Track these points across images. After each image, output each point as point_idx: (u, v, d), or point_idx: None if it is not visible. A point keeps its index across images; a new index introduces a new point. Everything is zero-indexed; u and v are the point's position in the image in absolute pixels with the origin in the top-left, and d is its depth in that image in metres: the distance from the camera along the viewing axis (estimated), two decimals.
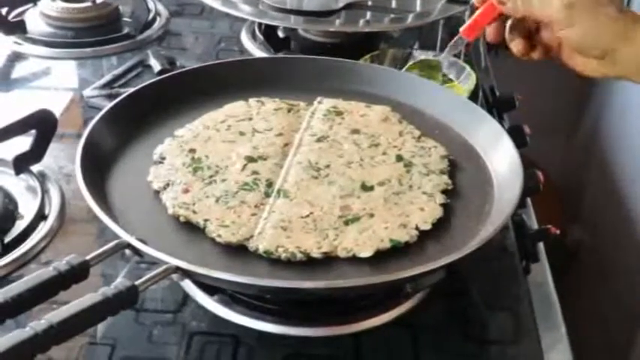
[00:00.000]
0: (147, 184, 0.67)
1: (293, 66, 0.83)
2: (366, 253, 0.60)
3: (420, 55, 0.87)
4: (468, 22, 0.69)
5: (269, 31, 1.03)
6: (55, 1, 1.06)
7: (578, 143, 1.46)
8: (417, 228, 0.63)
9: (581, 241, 1.30)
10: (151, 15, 1.10)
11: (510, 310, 0.66)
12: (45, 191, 0.75)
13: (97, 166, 0.67)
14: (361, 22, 0.98)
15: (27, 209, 0.72)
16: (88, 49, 1.02)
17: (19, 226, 0.70)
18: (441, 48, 1.02)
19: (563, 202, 1.37)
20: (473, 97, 0.88)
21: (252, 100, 0.79)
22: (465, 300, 0.67)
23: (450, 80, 0.91)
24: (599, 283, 1.20)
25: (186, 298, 0.65)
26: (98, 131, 0.70)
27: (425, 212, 0.64)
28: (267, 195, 0.66)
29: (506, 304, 0.66)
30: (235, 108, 0.78)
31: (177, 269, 0.55)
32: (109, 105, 0.73)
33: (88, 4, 1.06)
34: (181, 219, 0.63)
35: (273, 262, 0.60)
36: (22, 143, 0.75)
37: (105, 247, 0.57)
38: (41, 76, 0.98)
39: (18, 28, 1.03)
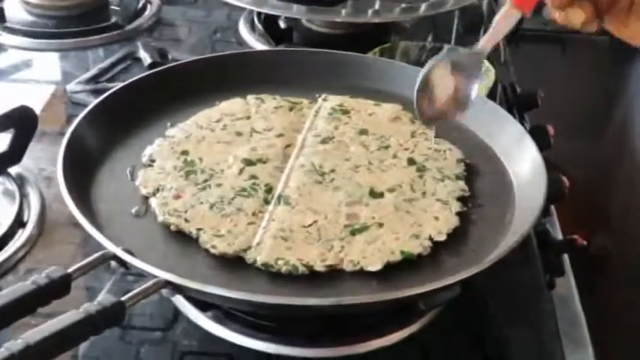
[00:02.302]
0: (135, 188, 0.67)
1: (295, 60, 0.83)
2: (374, 266, 0.59)
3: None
4: None
5: (269, 22, 1.03)
6: None
7: (606, 144, 1.45)
8: (430, 239, 0.62)
9: (608, 251, 1.29)
10: (141, 3, 1.10)
11: (533, 328, 0.65)
12: (24, 196, 0.74)
13: (81, 169, 0.67)
14: (370, 12, 0.97)
15: (4, 215, 0.71)
16: (72, 40, 1.01)
17: None
18: (457, 41, 1.01)
19: (589, 209, 1.36)
20: (491, 94, 0.87)
21: (250, 97, 0.79)
22: (483, 317, 0.66)
23: None
24: (628, 298, 1.19)
25: (177, 314, 0.64)
26: (82, 130, 0.69)
27: (439, 221, 0.64)
28: (267, 202, 0.65)
29: (529, 322, 0.65)
30: (232, 106, 0.77)
31: (168, 283, 0.54)
32: (94, 101, 0.73)
33: None
34: (172, 228, 0.63)
35: (273, 275, 0.59)
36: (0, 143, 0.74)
37: (89, 259, 0.56)
38: (21, 69, 0.98)
39: None
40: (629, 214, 1.29)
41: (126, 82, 0.77)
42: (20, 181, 0.75)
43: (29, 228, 0.71)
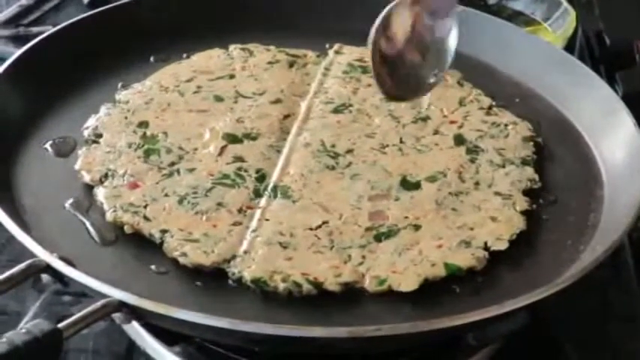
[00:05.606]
0: (74, 174, 0.67)
1: None
2: (407, 285, 0.60)
3: None
4: None
5: None
6: None
7: None
8: (486, 247, 0.63)
9: None
10: None
11: None
12: None
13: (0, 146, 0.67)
14: None
15: None
16: None
17: None
18: None
19: None
20: (570, 46, 0.88)
21: (233, 48, 0.79)
22: (557, 355, 0.67)
23: (536, 21, 0.90)
24: None
25: (133, 348, 0.65)
26: (0, 93, 0.70)
27: (499, 223, 0.64)
28: (258, 194, 0.66)
29: None
30: (208, 60, 0.78)
31: (121, 305, 0.55)
32: (15, 53, 0.73)
33: None
34: (126, 229, 0.63)
35: (267, 296, 0.60)
36: None
37: (11, 271, 0.56)
38: None
39: None
40: None
41: (58, 27, 0.78)
42: None
43: None
